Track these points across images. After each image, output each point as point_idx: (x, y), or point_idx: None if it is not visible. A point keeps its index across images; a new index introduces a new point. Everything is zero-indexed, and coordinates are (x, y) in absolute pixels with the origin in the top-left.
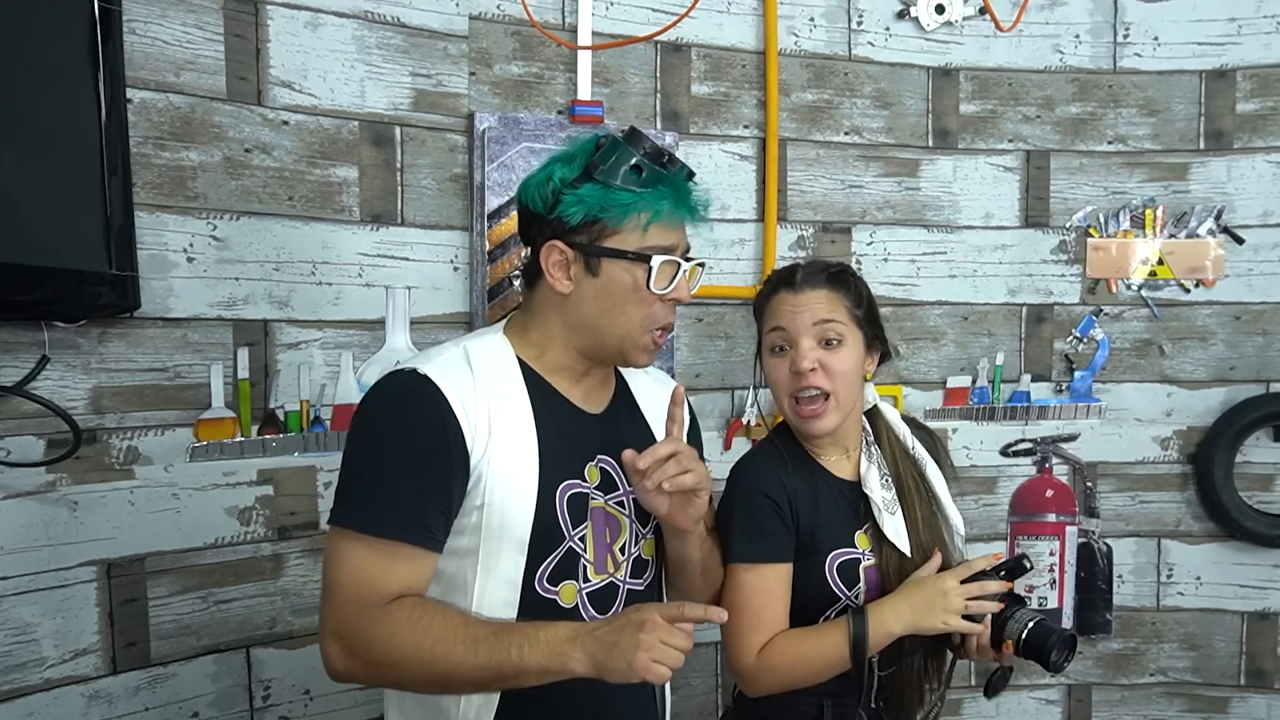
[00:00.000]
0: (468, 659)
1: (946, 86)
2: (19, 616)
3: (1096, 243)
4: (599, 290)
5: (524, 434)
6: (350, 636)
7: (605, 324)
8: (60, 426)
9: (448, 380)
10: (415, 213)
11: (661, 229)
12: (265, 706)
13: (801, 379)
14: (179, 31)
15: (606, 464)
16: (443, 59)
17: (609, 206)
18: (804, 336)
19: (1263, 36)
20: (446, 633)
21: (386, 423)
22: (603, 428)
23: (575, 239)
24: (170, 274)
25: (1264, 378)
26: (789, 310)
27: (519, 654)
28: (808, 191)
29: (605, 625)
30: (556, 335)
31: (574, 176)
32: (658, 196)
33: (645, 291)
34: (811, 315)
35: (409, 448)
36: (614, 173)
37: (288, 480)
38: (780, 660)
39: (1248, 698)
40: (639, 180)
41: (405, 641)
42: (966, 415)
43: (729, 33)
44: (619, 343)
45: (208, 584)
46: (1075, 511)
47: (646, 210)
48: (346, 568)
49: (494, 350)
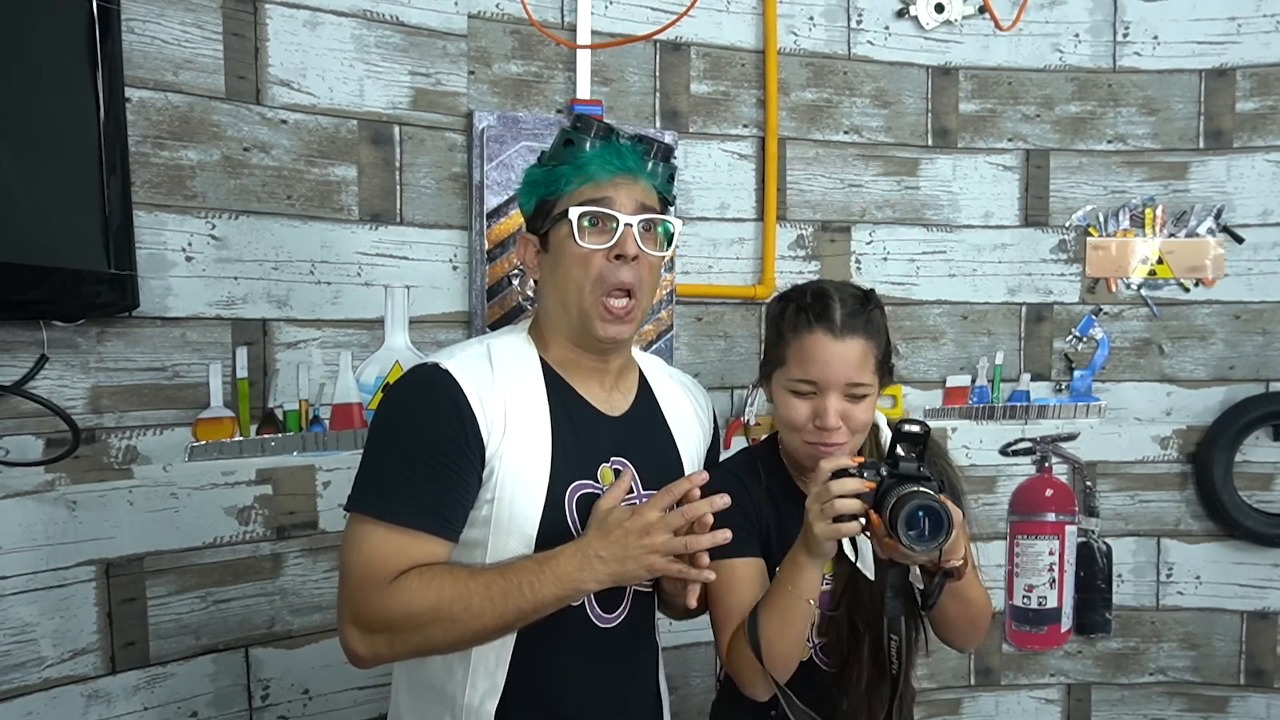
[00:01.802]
0: (487, 608)
1: (946, 85)
2: (18, 616)
3: (1096, 242)
4: (551, 262)
5: (538, 431)
6: (368, 617)
7: (562, 296)
8: (59, 426)
9: (466, 374)
10: (414, 212)
11: (592, 186)
12: (264, 706)
13: (825, 434)
14: (177, 30)
15: (621, 465)
16: (441, 58)
17: (550, 182)
18: (833, 391)
19: (1262, 35)
20: (460, 589)
21: (406, 414)
22: (620, 430)
23: (534, 225)
24: (169, 273)
25: (1263, 377)
26: (823, 360)
27: (532, 592)
28: (807, 190)
29: (603, 540)
30: (548, 326)
31: (534, 171)
32: (586, 158)
33: (578, 247)
34: (845, 374)
35: (427, 438)
36: (554, 154)
37: (286, 480)
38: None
39: (1247, 697)
40: (571, 151)
41: (423, 606)
42: (966, 415)
43: (728, 32)
44: (578, 315)
45: (206, 583)
46: (1075, 511)
47: (576, 174)
48: (361, 552)
49: (516, 348)
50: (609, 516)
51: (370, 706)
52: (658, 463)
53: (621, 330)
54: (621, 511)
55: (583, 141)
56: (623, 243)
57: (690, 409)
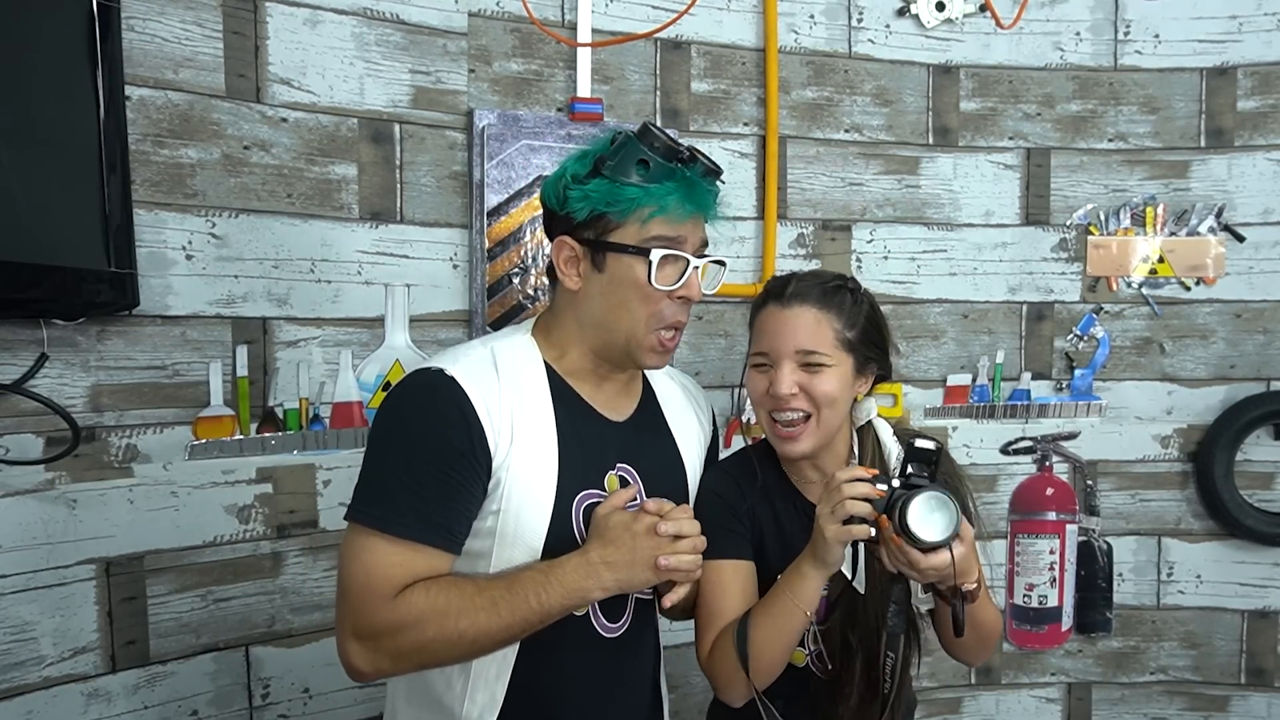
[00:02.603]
0: (493, 622)
1: (947, 84)
2: (18, 615)
3: (1097, 241)
4: (605, 286)
5: (545, 442)
6: (369, 631)
7: (611, 321)
8: (59, 424)
9: (473, 382)
10: (414, 210)
11: (666, 223)
12: (264, 705)
13: (780, 401)
14: (178, 28)
15: (626, 472)
16: (442, 56)
17: (614, 201)
18: (785, 360)
19: (1263, 34)
20: (465, 603)
21: (412, 422)
22: (624, 436)
23: (583, 234)
24: (169, 272)
25: (1264, 376)
26: (772, 329)
27: (539, 603)
28: (808, 189)
29: (607, 548)
30: (573, 335)
31: (585, 173)
32: (664, 191)
33: (648, 287)
34: (794, 342)
35: (433, 449)
36: (621, 168)
37: (287, 478)
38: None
39: (1248, 696)
40: (646, 175)
41: (426, 619)
42: (966, 413)
43: (729, 30)
44: (626, 342)
45: (207, 582)
46: (1075, 510)
47: (650, 204)
48: (363, 564)
49: (520, 352)
50: (609, 522)
51: (370, 706)
52: (661, 467)
53: (666, 360)
54: (623, 516)
55: (660, 169)
56: (689, 286)
57: (691, 410)
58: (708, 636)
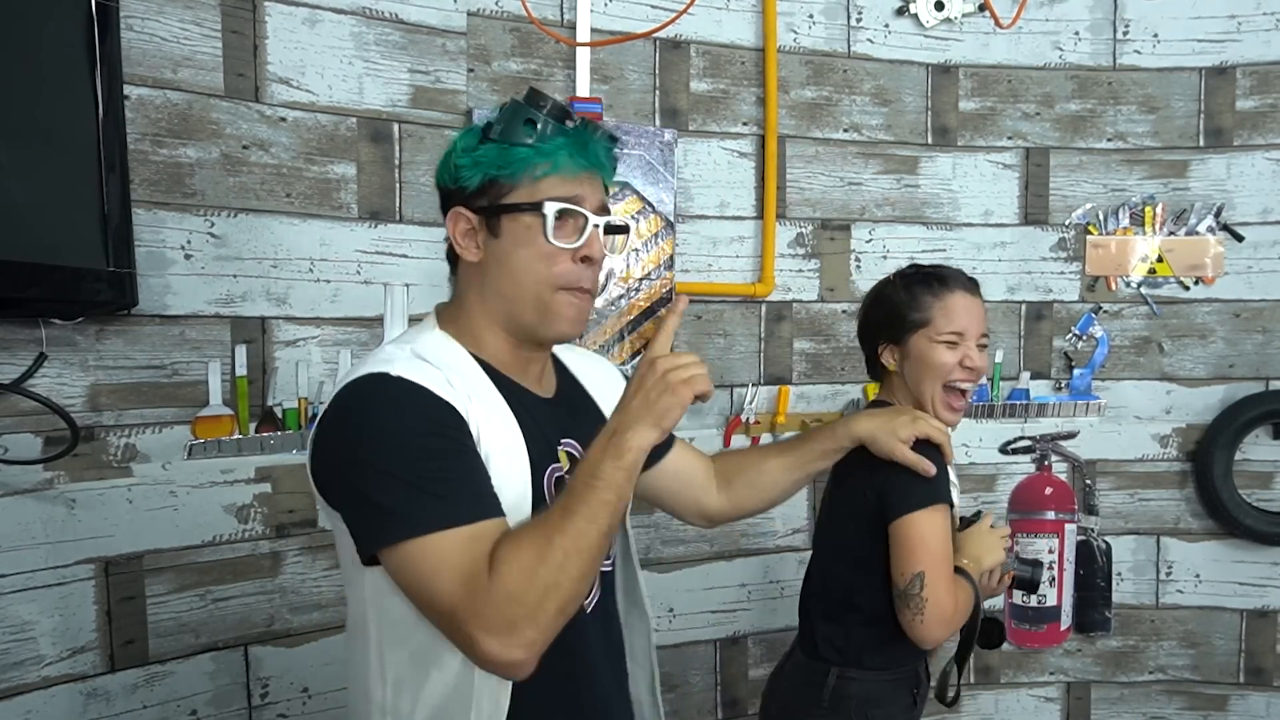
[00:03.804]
0: (595, 521)
1: (946, 84)
2: (17, 614)
3: (1096, 240)
4: (503, 250)
5: (507, 423)
6: (499, 617)
7: (514, 288)
8: (58, 424)
9: (421, 377)
10: (414, 210)
11: (560, 180)
12: (263, 704)
13: (972, 373)
14: (176, 28)
15: (570, 447)
16: (441, 55)
17: (505, 163)
18: (973, 339)
19: (1262, 34)
20: (554, 528)
21: (394, 424)
22: (558, 411)
23: (476, 203)
24: (168, 271)
25: (1263, 375)
26: (966, 309)
27: (613, 482)
28: (807, 189)
29: (635, 399)
30: (481, 317)
31: (474, 143)
32: (554, 148)
33: (545, 244)
34: (981, 324)
35: (430, 437)
36: (510, 131)
37: (286, 478)
38: (963, 606)
39: (1246, 695)
40: (535, 135)
41: (540, 567)
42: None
43: (728, 29)
44: (534, 310)
45: (206, 582)
46: (1074, 509)
47: (543, 161)
48: (447, 568)
49: (442, 346)
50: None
51: None
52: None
53: (577, 330)
54: (668, 360)
55: (546, 125)
56: (591, 245)
57: (605, 377)
58: (952, 584)
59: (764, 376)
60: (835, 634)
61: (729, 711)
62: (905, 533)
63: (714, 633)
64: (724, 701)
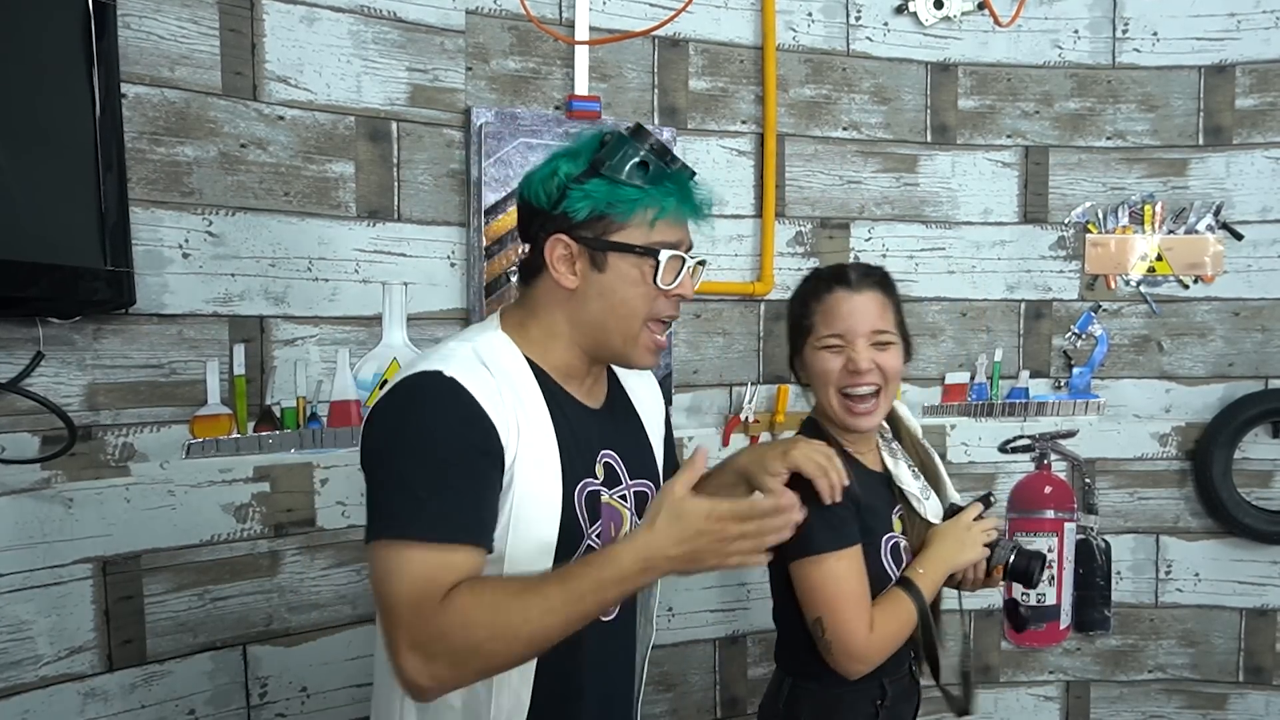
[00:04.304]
0: (548, 619)
1: (945, 82)
2: (14, 614)
3: (1095, 239)
4: (606, 285)
5: (545, 436)
6: (426, 643)
7: (610, 320)
8: (55, 423)
9: (473, 381)
10: (412, 208)
11: (667, 225)
12: (262, 704)
13: (859, 376)
14: (174, 26)
15: (610, 458)
16: (439, 54)
17: (616, 202)
18: (860, 338)
19: (1262, 32)
20: (517, 602)
21: (424, 429)
22: (603, 423)
23: (581, 234)
24: (165, 270)
25: (1263, 374)
26: (846, 311)
27: (595, 596)
28: (806, 187)
29: (675, 543)
30: (561, 333)
31: (580, 172)
32: (664, 193)
33: (651, 287)
34: (868, 322)
35: (455, 451)
36: (620, 168)
37: (284, 477)
38: (890, 629)
39: (1246, 694)
40: (645, 176)
41: (481, 622)
42: (965, 412)
43: (727, 28)
44: (622, 340)
45: (204, 581)
46: (1073, 508)
47: (653, 206)
48: (405, 578)
49: (503, 349)
50: (683, 511)
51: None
52: (637, 451)
53: (656, 362)
54: (698, 510)
55: (657, 170)
56: (685, 285)
57: (648, 391)
58: (863, 620)
59: (763, 375)
60: (789, 637)
61: (728, 711)
62: (802, 575)
63: (713, 632)
64: (723, 701)
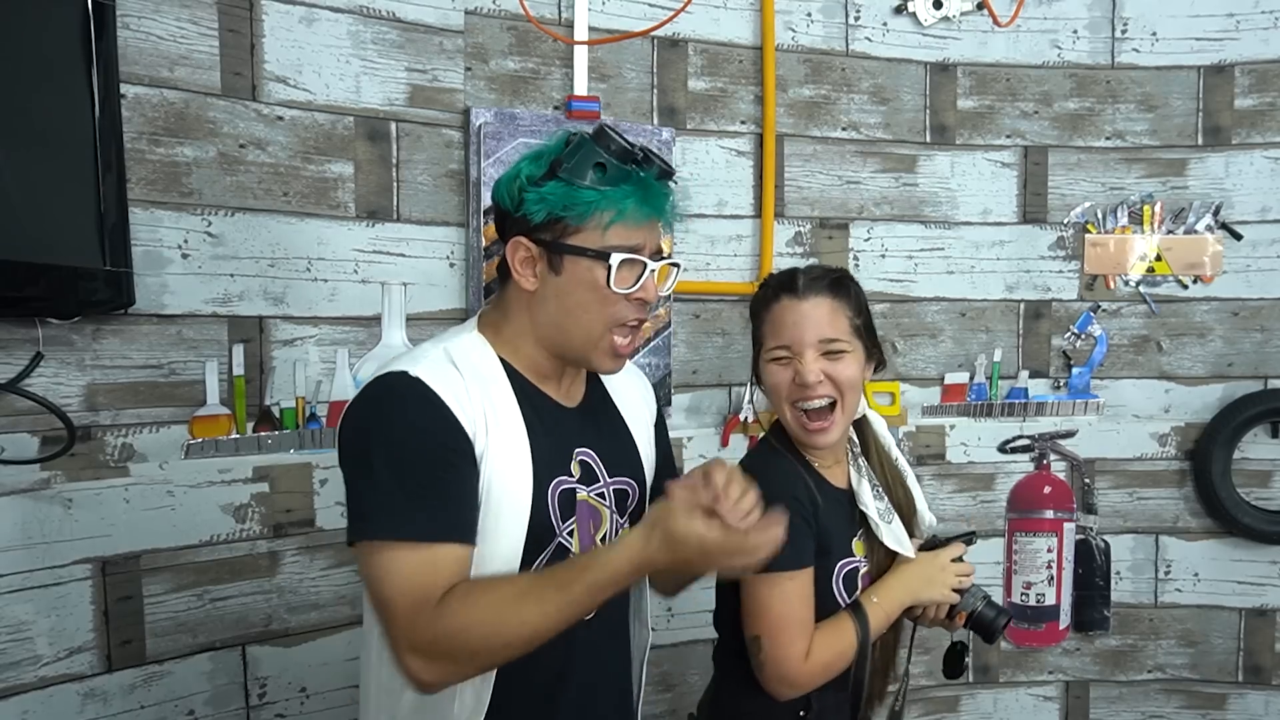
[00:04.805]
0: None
1: (944, 82)
2: (13, 614)
3: (1094, 239)
4: (561, 288)
5: (515, 434)
6: (426, 647)
7: (568, 323)
8: (54, 424)
9: (438, 380)
10: (411, 209)
11: (625, 228)
12: (261, 704)
13: (807, 390)
14: (173, 26)
15: (586, 456)
16: (438, 54)
17: (571, 204)
18: (808, 349)
19: (1261, 32)
20: (512, 607)
21: (391, 429)
22: (580, 421)
23: (540, 236)
24: (165, 270)
25: (1262, 374)
26: (791, 320)
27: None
28: (805, 187)
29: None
30: (527, 333)
31: (540, 174)
32: (621, 195)
33: (607, 290)
34: (816, 330)
35: (422, 448)
36: (578, 171)
37: (283, 477)
38: (825, 657)
39: (1245, 694)
40: (603, 178)
41: (478, 628)
42: (964, 412)
43: (726, 28)
44: (581, 344)
45: (203, 581)
46: (1073, 508)
47: (609, 209)
48: (398, 580)
49: (475, 349)
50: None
51: None
52: (617, 450)
53: (618, 366)
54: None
55: (616, 172)
56: (646, 289)
57: (635, 390)
58: (801, 645)
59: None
60: (721, 642)
61: None
62: (747, 592)
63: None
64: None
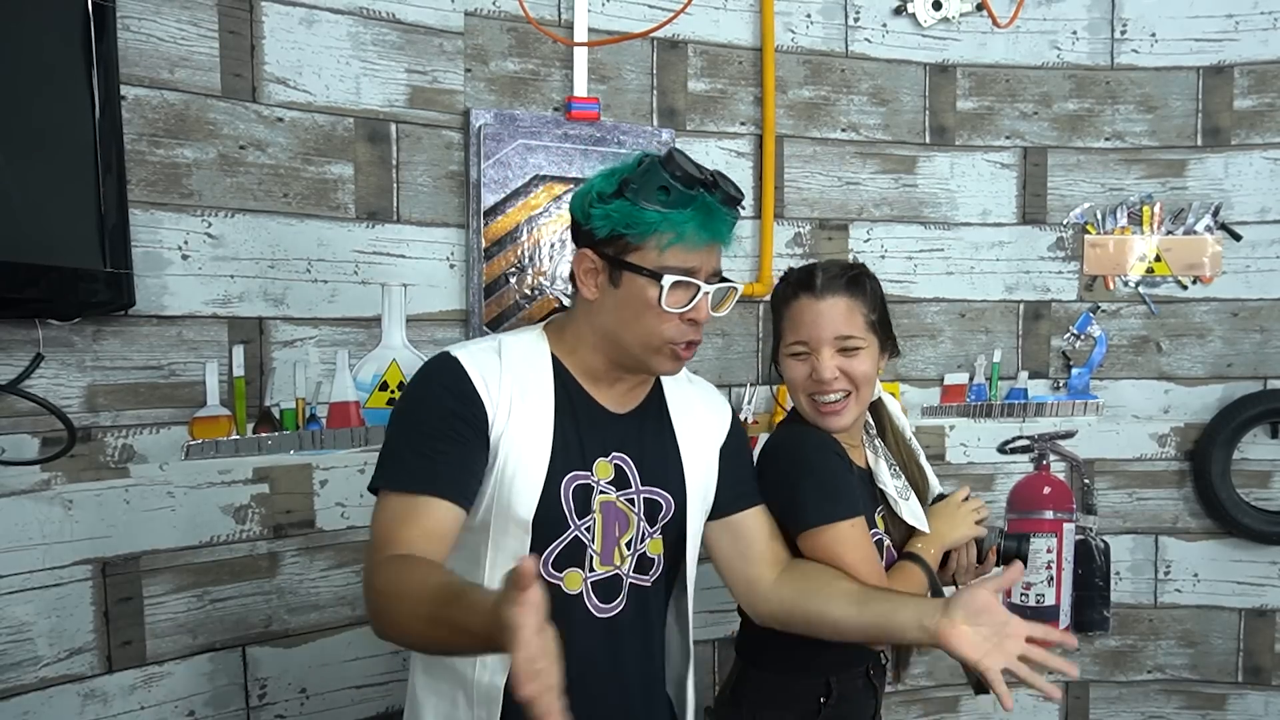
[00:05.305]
0: (431, 632)
1: (944, 83)
2: (14, 615)
3: (1094, 239)
4: (618, 301)
5: (541, 423)
6: (368, 589)
7: (623, 334)
8: (55, 425)
9: (473, 361)
10: (411, 210)
11: (683, 250)
12: (261, 705)
13: (823, 385)
14: (173, 28)
15: (621, 460)
16: (438, 55)
17: (633, 223)
18: (824, 346)
19: (1260, 33)
20: (408, 603)
21: (414, 397)
22: (624, 427)
23: (603, 250)
24: (165, 271)
25: (1261, 374)
26: (809, 319)
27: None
28: (805, 188)
29: None
30: (585, 337)
31: (609, 192)
32: (682, 219)
33: (659, 308)
34: (833, 328)
35: (429, 410)
36: (644, 192)
37: (283, 478)
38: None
39: (1245, 694)
40: (667, 201)
41: (393, 601)
42: (964, 412)
43: (725, 29)
44: (639, 352)
45: (203, 582)
46: (1073, 508)
47: (669, 231)
48: (377, 522)
49: (528, 344)
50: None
51: (367, 705)
52: (658, 459)
53: (680, 366)
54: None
55: (680, 196)
56: (698, 310)
57: (702, 407)
58: (884, 581)
59: (762, 376)
60: (745, 627)
61: None
62: (811, 544)
63: (712, 633)
64: None
